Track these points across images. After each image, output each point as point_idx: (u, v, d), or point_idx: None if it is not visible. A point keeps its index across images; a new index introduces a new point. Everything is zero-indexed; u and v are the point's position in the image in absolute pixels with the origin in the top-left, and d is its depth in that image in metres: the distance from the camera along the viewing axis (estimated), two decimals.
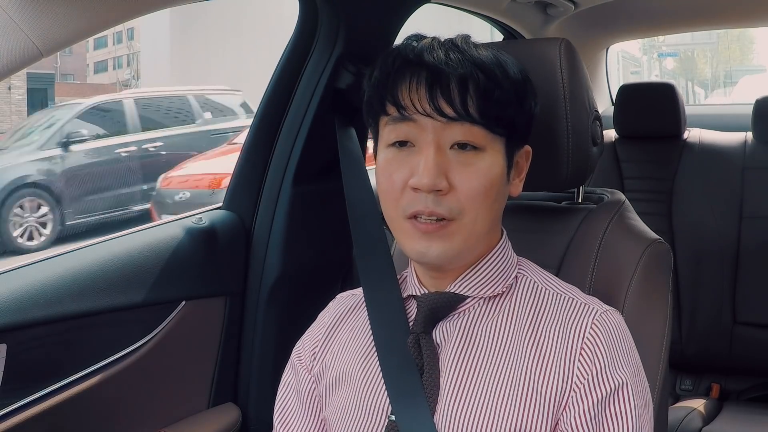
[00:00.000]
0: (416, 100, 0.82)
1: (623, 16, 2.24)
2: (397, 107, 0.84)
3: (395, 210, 0.85)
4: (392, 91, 0.84)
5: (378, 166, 0.88)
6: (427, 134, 0.83)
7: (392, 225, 0.87)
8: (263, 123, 1.45)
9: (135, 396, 1.26)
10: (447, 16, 1.81)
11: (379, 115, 0.87)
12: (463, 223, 0.84)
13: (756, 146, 2.06)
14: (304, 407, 0.96)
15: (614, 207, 1.09)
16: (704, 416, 1.81)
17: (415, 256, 0.86)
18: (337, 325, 0.98)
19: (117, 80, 22.30)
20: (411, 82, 0.83)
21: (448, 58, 0.83)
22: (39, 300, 1.12)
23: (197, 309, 1.35)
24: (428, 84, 0.82)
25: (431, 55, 0.83)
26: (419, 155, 0.83)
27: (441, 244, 0.84)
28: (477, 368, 0.85)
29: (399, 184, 0.84)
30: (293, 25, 1.44)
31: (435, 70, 0.82)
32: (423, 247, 0.84)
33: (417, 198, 0.82)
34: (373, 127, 0.91)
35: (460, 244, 0.85)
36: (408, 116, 0.83)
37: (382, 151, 0.87)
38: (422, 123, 0.83)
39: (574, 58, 1.04)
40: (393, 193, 0.85)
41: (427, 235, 0.83)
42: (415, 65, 0.83)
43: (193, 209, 1.47)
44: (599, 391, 0.81)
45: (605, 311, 0.86)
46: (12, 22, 0.82)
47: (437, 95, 0.82)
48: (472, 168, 0.83)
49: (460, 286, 0.89)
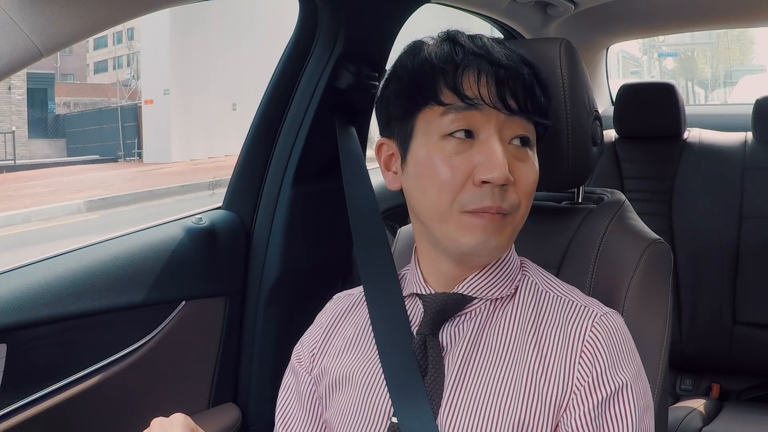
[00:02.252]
0: (484, 91, 0.82)
1: (623, 16, 2.24)
2: (459, 96, 0.82)
3: (451, 203, 0.82)
4: (453, 80, 0.83)
5: (432, 157, 0.83)
6: (491, 126, 0.82)
7: (442, 217, 0.83)
8: (263, 123, 1.45)
9: (135, 396, 1.26)
10: (447, 16, 1.81)
11: (425, 105, 0.84)
12: (516, 218, 0.84)
13: (756, 146, 2.06)
14: (305, 410, 0.96)
15: (614, 207, 1.09)
16: (704, 416, 1.81)
17: (472, 248, 0.83)
18: (336, 326, 0.97)
19: (117, 80, 22.30)
20: (480, 73, 0.83)
21: (506, 53, 0.85)
22: (39, 300, 1.12)
23: (197, 309, 1.35)
24: (497, 76, 0.82)
25: (492, 49, 0.84)
26: (483, 147, 0.81)
27: (498, 238, 0.83)
28: (480, 371, 0.84)
29: (461, 177, 0.81)
30: (293, 25, 1.44)
31: (501, 64, 0.83)
32: (481, 240, 0.82)
33: (483, 192, 0.81)
34: (408, 119, 0.86)
35: (509, 239, 0.85)
36: (475, 105, 0.82)
37: (433, 143, 0.83)
38: (488, 114, 0.82)
39: (574, 58, 1.04)
40: (452, 185, 0.81)
41: (489, 226, 0.82)
42: (482, 57, 0.83)
43: None
44: (600, 393, 0.81)
45: (605, 313, 0.86)
46: (12, 22, 0.82)
47: (505, 88, 0.82)
48: (528, 163, 0.85)
49: (468, 287, 0.88)
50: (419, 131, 0.85)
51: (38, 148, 18.83)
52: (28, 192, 10.71)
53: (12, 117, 17.44)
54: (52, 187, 11.28)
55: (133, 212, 9.13)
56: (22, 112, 18.10)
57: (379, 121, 0.94)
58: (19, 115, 17.85)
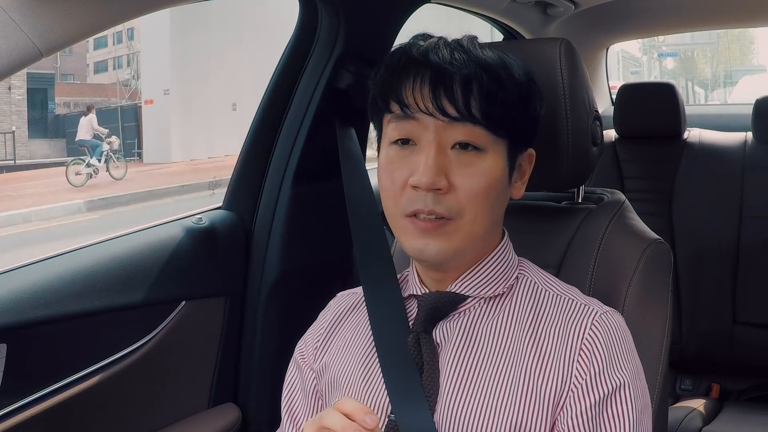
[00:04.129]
0: (419, 99, 0.83)
1: (623, 16, 2.24)
2: (400, 105, 0.84)
3: (395, 207, 0.85)
4: (396, 89, 0.84)
5: (380, 164, 0.88)
6: (429, 133, 0.83)
7: (392, 222, 0.88)
8: (263, 123, 1.45)
9: (135, 396, 1.26)
10: (447, 16, 1.81)
11: (383, 113, 0.88)
12: (462, 223, 0.84)
13: (756, 146, 2.06)
14: (310, 404, 0.97)
15: (614, 207, 1.09)
16: (704, 416, 1.81)
17: (414, 253, 0.86)
18: (338, 324, 0.98)
19: (117, 80, 22.30)
20: (415, 80, 0.83)
21: (452, 58, 0.83)
22: (39, 300, 1.12)
23: (197, 309, 1.35)
24: (432, 83, 0.82)
25: (436, 54, 0.83)
26: (420, 154, 0.83)
27: (439, 243, 0.84)
28: (477, 368, 0.85)
29: (400, 182, 0.84)
30: (293, 25, 1.44)
31: (439, 70, 0.82)
32: (421, 244, 0.84)
33: (417, 196, 0.83)
34: (377, 125, 0.91)
35: (458, 244, 0.85)
36: (410, 114, 0.83)
37: (384, 149, 0.88)
38: (424, 122, 0.83)
39: (574, 58, 1.04)
40: (393, 190, 0.85)
41: (426, 232, 0.83)
42: (420, 64, 0.83)
43: None
44: (598, 391, 0.81)
45: (605, 312, 0.86)
46: (12, 22, 0.82)
47: (440, 95, 0.82)
48: (473, 168, 0.83)
49: (460, 285, 0.89)
50: (383, 138, 0.89)
51: (38, 148, 18.83)
52: (28, 192, 10.72)
53: (12, 117, 17.44)
54: (52, 187, 11.28)
55: (133, 212, 9.13)
56: (22, 112, 18.10)
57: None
58: (19, 115, 17.85)
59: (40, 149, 18.88)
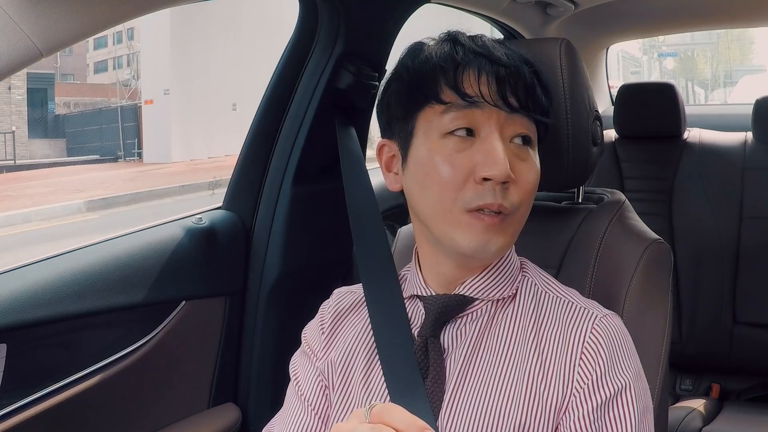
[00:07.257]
0: (484, 89, 0.82)
1: (623, 16, 2.24)
2: (460, 94, 0.82)
3: (453, 202, 0.82)
4: (454, 78, 0.83)
5: (430, 157, 0.83)
6: (492, 123, 0.82)
7: (444, 218, 0.83)
8: (263, 123, 1.45)
9: (135, 396, 1.26)
10: (447, 16, 1.81)
11: (425, 105, 0.84)
12: (517, 217, 0.84)
13: (756, 146, 2.06)
14: (316, 388, 0.93)
15: (614, 207, 1.09)
16: (704, 416, 1.81)
17: (472, 250, 0.82)
18: (339, 323, 0.96)
19: (117, 80, 22.29)
20: (480, 71, 0.83)
21: (507, 51, 0.85)
22: (39, 300, 1.12)
23: (197, 309, 1.35)
24: (498, 75, 0.83)
25: (494, 49, 0.85)
26: (484, 144, 0.81)
27: (501, 239, 0.83)
28: (481, 373, 0.84)
29: (462, 175, 0.81)
30: (293, 25, 1.44)
31: (502, 63, 0.83)
32: (483, 241, 0.82)
33: (484, 190, 0.80)
34: (404, 120, 0.87)
35: (511, 239, 0.85)
36: (475, 102, 0.82)
37: (433, 141, 0.83)
38: (488, 112, 0.82)
39: (574, 58, 1.04)
40: (455, 184, 0.81)
41: (490, 228, 0.81)
42: (482, 56, 0.84)
43: None
44: (600, 395, 0.81)
45: (605, 315, 0.85)
46: (12, 22, 0.82)
47: (506, 86, 0.83)
48: (528, 162, 0.84)
49: (469, 288, 0.88)
50: (420, 131, 0.85)
51: (38, 148, 18.83)
52: (28, 192, 10.71)
53: (12, 117, 17.44)
54: (52, 187, 11.27)
55: (134, 212, 9.13)
56: (22, 112, 18.10)
57: (380, 122, 0.94)
58: (19, 115, 17.85)
59: (40, 149, 18.88)
